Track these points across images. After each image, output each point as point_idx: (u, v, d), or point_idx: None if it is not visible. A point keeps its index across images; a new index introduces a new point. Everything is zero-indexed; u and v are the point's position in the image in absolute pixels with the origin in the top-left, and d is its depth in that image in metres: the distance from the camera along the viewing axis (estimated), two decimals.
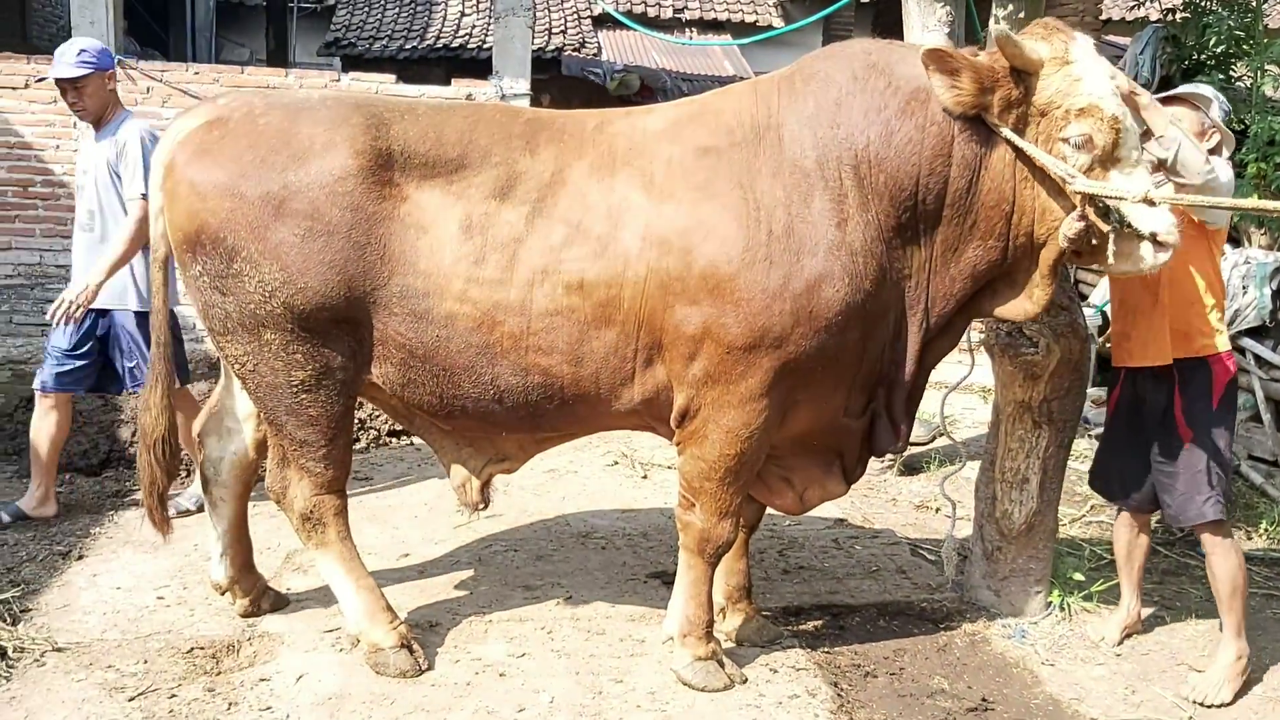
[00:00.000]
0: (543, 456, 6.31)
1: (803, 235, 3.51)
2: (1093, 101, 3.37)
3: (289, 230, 3.51)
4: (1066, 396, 4.27)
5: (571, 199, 3.61)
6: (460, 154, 3.63)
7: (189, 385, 5.65)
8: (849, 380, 3.74)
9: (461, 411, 3.77)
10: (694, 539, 3.86)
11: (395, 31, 16.46)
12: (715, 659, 3.87)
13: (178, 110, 8.08)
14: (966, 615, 4.47)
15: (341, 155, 3.54)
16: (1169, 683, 4.03)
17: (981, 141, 3.52)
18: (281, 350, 3.61)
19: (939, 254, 3.65)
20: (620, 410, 3.78)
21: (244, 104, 3.72)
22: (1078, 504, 6.03)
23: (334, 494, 3.89)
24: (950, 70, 3.40)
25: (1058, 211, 3.48)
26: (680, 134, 3.71)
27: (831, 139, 3.56)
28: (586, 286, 3.56)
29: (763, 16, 18.67)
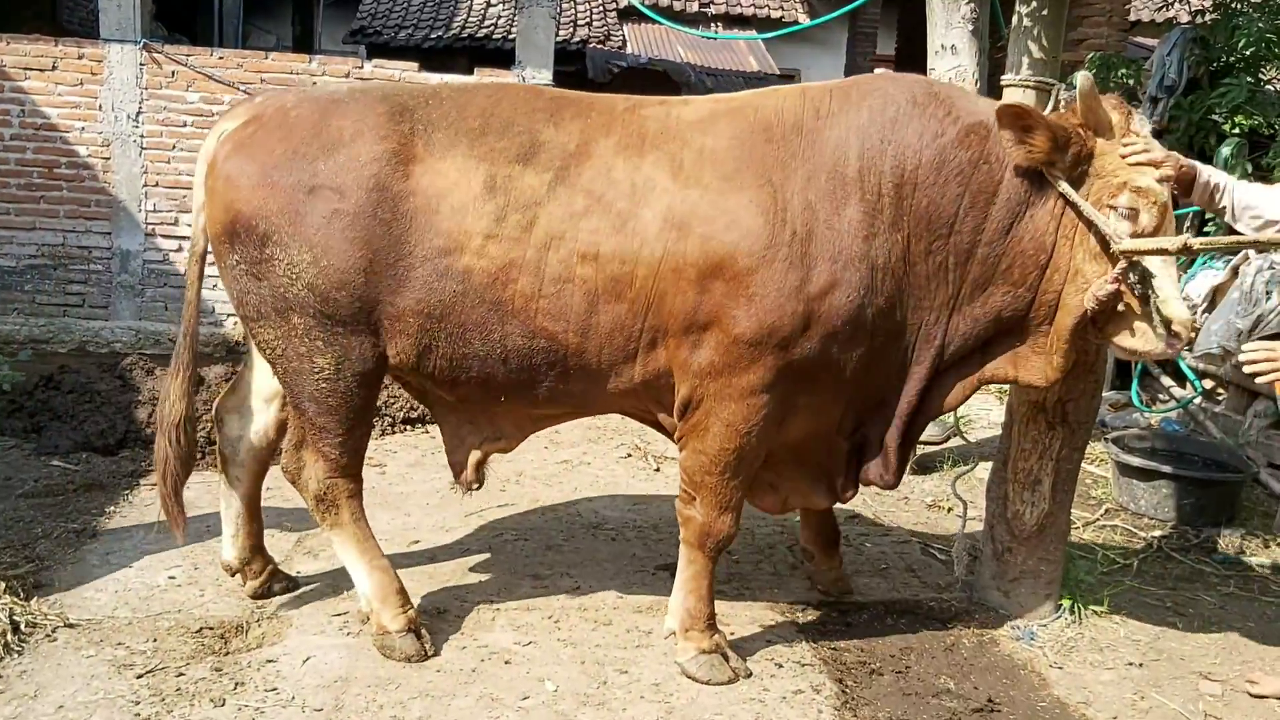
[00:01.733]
0: (557, 448, 6.44)
1: (827, 241, 3.54)
2: (1150, 184, 3.41)
3: (318, 213, 3.62)
4: (1081, 399, 4.24)
5: (595, 171, 3.66)
6: (482, 124, 3.72)
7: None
8: (848, 394, 3.78)
9: (468, 375, 3.80)
10: (695, 533, 3.88)
11: (421, 21, 16.47)
12: (719, 652, 3.89)
13: (202, 94, 8.19)
14: (975, 615, 4.44)
15: (368, 142, 3.65)
16: (1179, 690, 4.00)
17: (1031, 189, 3.55)
18: (305, 335, 3.71)
19: (966, 291, 3.67)
20: (619, 390, 3.81)
21: (277, 101, 3.86)
22: (1091, 507, 5.99)
23: (348, 478, 3.96)
24: (1024, 128, 3.43)
25: (1090, 275, 3.48)
26: (715, 125, 3.74)
27: (880, 153, 3.59)
28: (601, 258, 3.60)
29: (788, 12, 18.62)
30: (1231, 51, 7.78)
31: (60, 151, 8.25)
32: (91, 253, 8.37)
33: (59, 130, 8.21)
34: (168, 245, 8.35)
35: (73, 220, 8.34)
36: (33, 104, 8.15)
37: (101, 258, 8.36)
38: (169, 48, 8.30)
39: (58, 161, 8.26)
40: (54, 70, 8.14)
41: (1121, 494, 6.01)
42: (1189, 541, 5.50)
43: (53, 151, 8.25)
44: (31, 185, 8.27)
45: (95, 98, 8.18)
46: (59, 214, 8.33)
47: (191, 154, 8.25)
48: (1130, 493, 5.93)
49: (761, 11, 18.72)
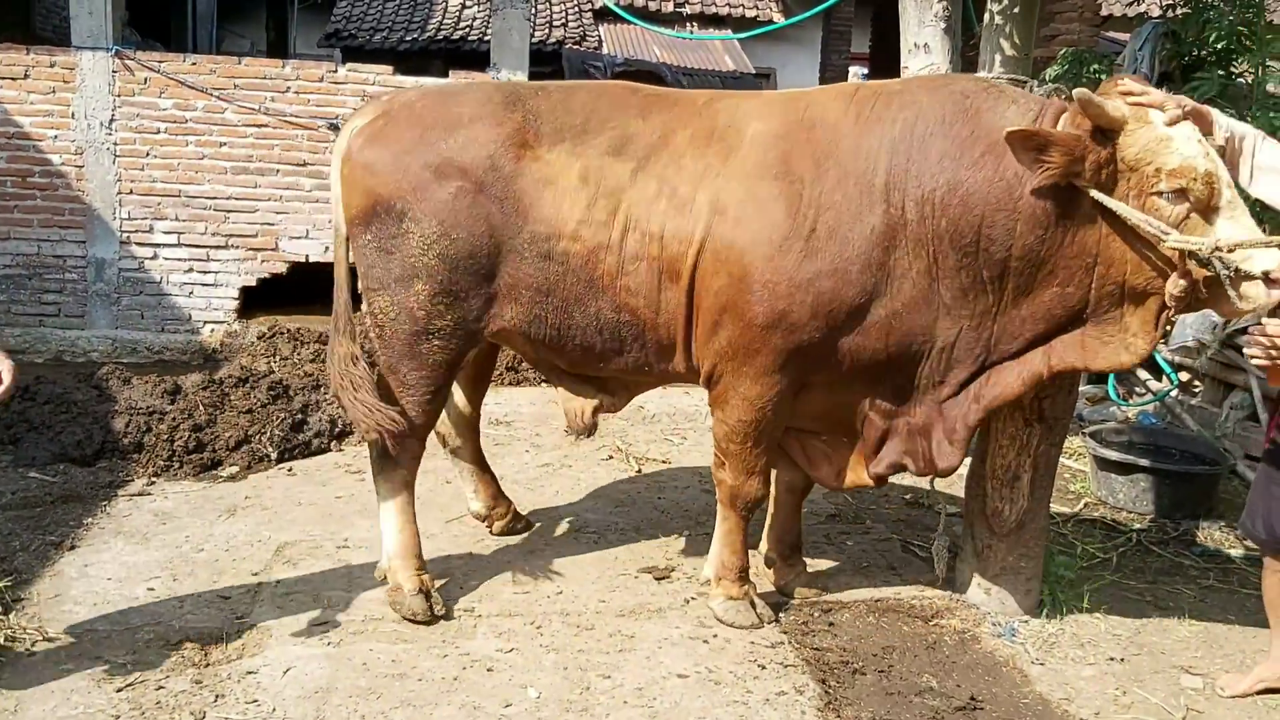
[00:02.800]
0: (538, 451, 6.46)
1: (844, 241, 3.73)
2: (1185, 162, 3.36)
3: (445, 190, 4.04)
4: (1058, 395, 4.26)
5: (669, 160, 3.99)
6: (584, 120, 4.09)
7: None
8: (869, 378, 3.95)
9: (572, 342, 4.18)
10: (725, 494, 4.27)
11: (396, 23, 16.41)
12: (747, 599, 4.31)
13: (175, 101, 8.13)
14: (956, 613, 4.45)
15: (486, 126, 4.07)
16: (1160, 684, 4.02)
17: (1061, 196, 3.53)
18: (431, 300, 4.10)
19: (1009, 299, 3.72)
20: (684, 368, 4.15)
21: (404, 97, 4.35)
22: (1070, 502, 6.02)
23: (415, 439, 4.34)
24: (1037, 148, 3.42)
25: (1154, 263, 3.47)
26: (768, 116, 3.99)
27: (904, 170, 3.71)
28: (665, 239, 3.93)
29: (763, 11, 18.61)
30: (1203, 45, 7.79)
31: (33, 160, 8.18)
32: (66, 261, 8.30)
33: (32, 139, 8.14)
34: (143, 253, 8.29)
35: (47, 229, 8.27)
36: (5, 113, 8.08)
37: (76, 266, 8.30)
38: (141, 54, 8.22)
39: (31, 170, 8.19)
40: (26, 79, 8.07)
41: (1100, 488, 6.05)
42: (1168, 535, 5.54)
43: (26, 160, 8.18)
44: (4, 194, 8.19)
45: (68, 105, 8.11)
46: (33, 223, 8.26)
47: (165, 160, 8.21)
48: (1109, 487, 5.96)
49: (736, 11, 18.69)
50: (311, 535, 5.03)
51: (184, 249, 8.36)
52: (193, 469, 5.83)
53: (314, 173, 8.34)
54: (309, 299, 8.84)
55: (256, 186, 8.32)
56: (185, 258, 8.38)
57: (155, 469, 5.80)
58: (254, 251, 8.42)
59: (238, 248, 8.39)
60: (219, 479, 5.78)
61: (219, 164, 8.27)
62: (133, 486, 5.61)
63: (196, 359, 8.22)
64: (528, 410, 7.37)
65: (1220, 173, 3.40)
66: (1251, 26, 7.41)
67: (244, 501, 5.45)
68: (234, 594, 4.41)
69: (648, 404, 7.57)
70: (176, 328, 8.42)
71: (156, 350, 8.29)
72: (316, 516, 5.27)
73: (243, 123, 8.24)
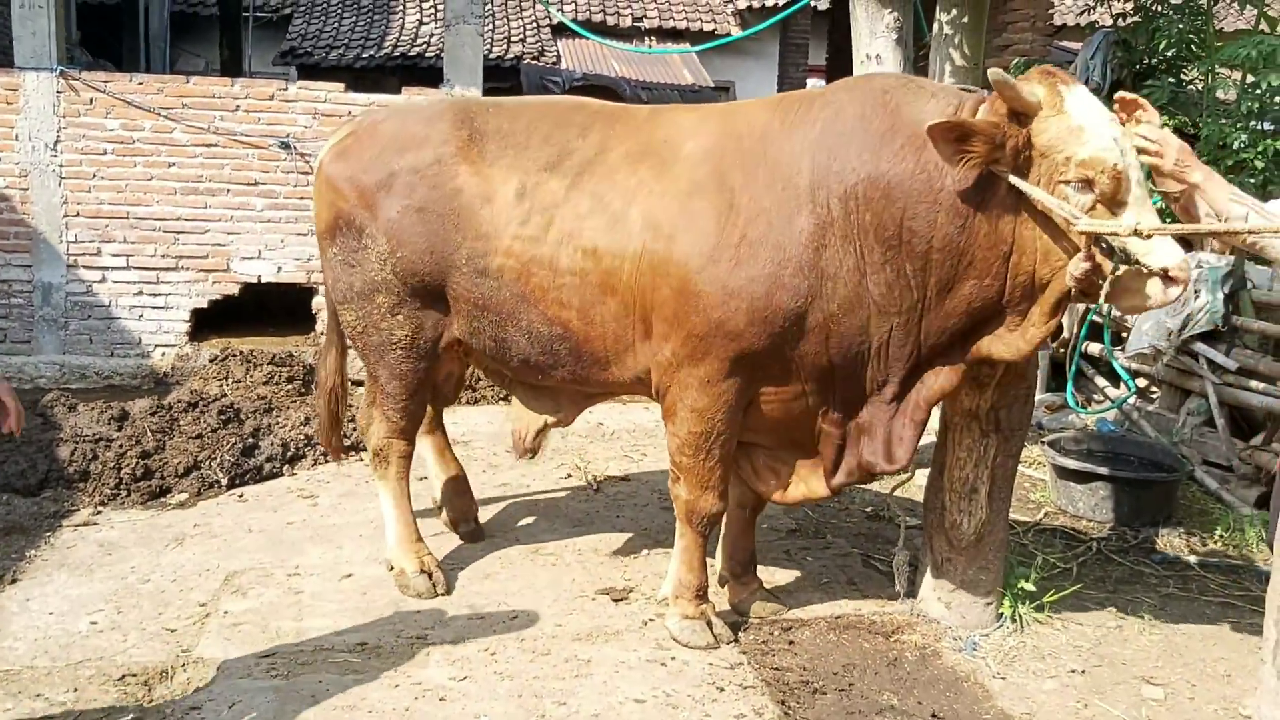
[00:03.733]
0: (495, 471, 6.36)
1: (775, 246, 3.73)
2: (1094, 154, 3.34)
3: (394, 207, 4.25)
4: (1014, 405, 4.23)
5: (603, 176, 4.05)
6: (526, 137, 4.22)
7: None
8: (818, 386, 3.92)
9: (511, 356, 4.33)
10: (681, 510, 4.22)
11: (352, 41, 16.32)
12: (703, 618, 4.25)
13: (122, 121, 7.99)
14: (917, 628, 4.41)
15: (432, 145, 4.25)
16: (1122, 696, 3.99)
17: (979, 185, 3.52)
18: (390, 313, 4.36)
19: (933, 293, 3.70)
20: (629, 377, 4.18)
21: (374, 116, 4.57)
22: (1030, 511, 6.00)
23: (402, 439, 4.66)
24: (959, 138, 3.39)
25: (1061, 252, 3.45)
26: (702, 131, 4.03)
27: (827, 169, 3.72)
28: (598, 254, 3.98)
29: (721, 25, 18.68)
30: (1153, 53, 7.88)
31: None
32: (12, 286, 8.11)
33: None
34: (91, 276, 8.12)
35: None
36: None
37: (22, 291, 8.11)
38: (86, 74, 8.07)
39: None
40: None
41: (1060, 497, 6.03)
42: (1128, 543, 5.52)
43: None
44: None
45: (12, 127, 7.94)
46: None
47: (112, 182, 8.06)
48: (1068, 495, 5.95)
49: (694, 25, 18.75)
50: (261, 563, 4.92)
51: (133, 271, 8.19)
52: (140, 497, 5.70)
53: (265, 192, 8.22)
54: (262, 320, 8.73)
55: (207, 207, 8.18)
56: (134, 280, 8.21)
57: (101, 498, 5.66)
58: (205, 273, 8.26)
59: (188, 269, 8.23)
60: (167, 507, 5.66)
61: (168, 185, 8.12)
62: (78, 516, 5.47)
63: (147, 383, 8.06)
64: (485, 429, 7.27)
65: (1130, 168, 3.37)
66: (1201, 34, 7.49)
67: (192, 529, 5.32)
68: (180, 626, 4.30)
69: (607, 421, 7.50)
70: (126, 352, 8.25)
71: (106, 375, 8.11)
72: (267, 543, 5.16)
73: (192, 142, 8.10)
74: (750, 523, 4.61)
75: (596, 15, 18.58)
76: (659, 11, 19.01)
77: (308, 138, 8.17)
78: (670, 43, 18.16)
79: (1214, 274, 6.97)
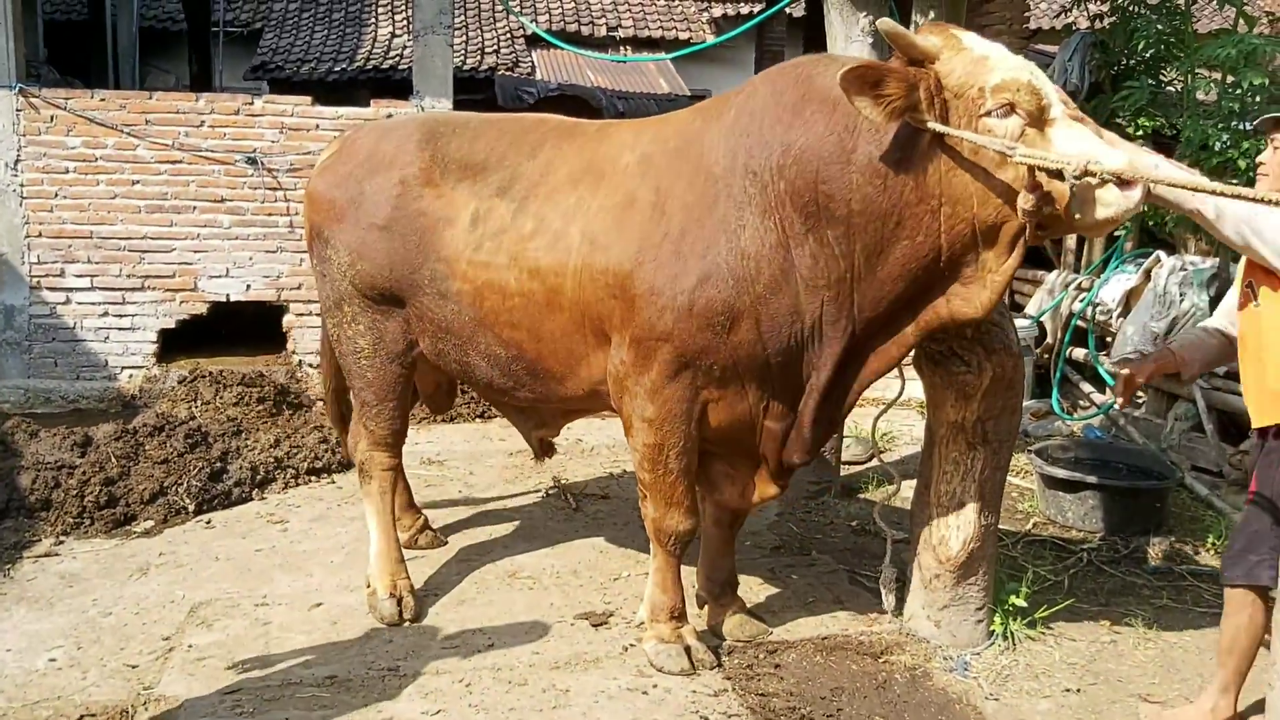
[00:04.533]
0: (471, 490, 6.18)
1: (696, 237, 3.69)
2: (1006, 77, 3.26)
3: (359, 224, 4.36)
4: (1001, 416, 4.10)
5: (545, 197, 4.07)
6: (485, 159, 4.25)
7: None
8: (757, 380, 3.83)
9: (475, 376, 4.41)
10: (651, 529, 4.13)
11: (324, 54, 16.13)
12: (680, 642, 4.12)
13: (84, 139, 7.81)
14: (906, 648, 4.27)
15: (398, 166, 4.33)
16: (1118, 715, 3.86)
17: (894, 142, 3.42)
18: (352, 321, 4.49)
19: (861, 261, 3.57)
20: (584, 391, 4.17)
21: (358, 133, 4.67)
22: (1019, 522, 5.88)
23: (384, 452, 4.68)
24: (874, 83, 3.27)
25: (1000, 189, 3.32)
26: (637, 143, 4.02)
27: (741, 147, 3.69)
28: (541, 273, 3.99)
29: (696, 33, 18.60)
30: (1131, 54, 7.82)
31: None
32: None
33: None
34: (54, 298, 7.92)
35: None
36: None
37: None
38: (46, 91, 7.88)
39: None
40: None
41: (1048, 507, 5.92)
42: (1119, 553, 5.40)
43: None
44: None
45: None
46: None
47: (75, 201, 7.87)
48: (1057, 505, 5.83)
49: (670, 33, 18.66)
50: (228, 593, 4.75)
51: (98, 292, 7.99)
52: (104, 525, 5.53)
53: (232, 209, 8.04)
54: (231, 340, 8.55)
55: (172, 225, 7.99)
56: (99, 301, 8.01)
57: (64, 527, 5.49)
58: (172, 292, 8.07)
59: (154, 289, 8.04)
60: (132, 535, 5.48)
61: (132, 203, 7.94)
62: (39, 547, 5.29)
63: (114, 406, 7.86)
64: (461, 448, 7.11)
65: (1045, 85, 3.30)
66: (1180, 34, 7.41)
67: (158, 559, 5.15)
68: (142, 662, 4.15)
69: (586, 437, 7.36)
70: (92, 375, 8.05)
71: (71, 399, 7.90)
72: (235, 572, 4.99)
73: (156, 159, 7.91)
74: (728, 541, 4.47)
75: (571, 25, 18.48)
76: (634, 21, 18.92)
77: (275, 152, 8.01)
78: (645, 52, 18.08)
79: (1199, 275, 6.90)
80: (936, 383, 4.15)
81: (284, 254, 8.14)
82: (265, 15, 18.24)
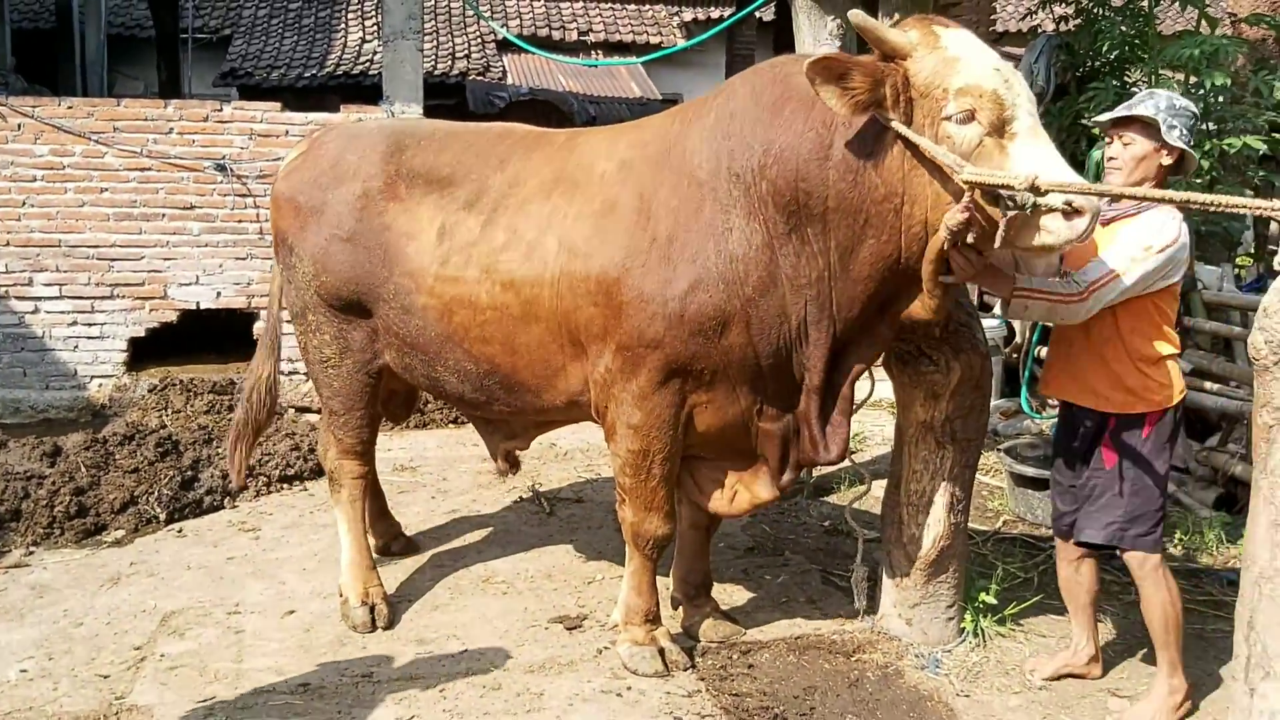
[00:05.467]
0: (444, 497, 6.20)
1: (684, 243, 3.68)
2: (971, 80, 3.24)
3: (321, 235, 4.34)
4: (969, 415, 4.14)
5: (516, 209, 4.04)
6: (451, 172, 4.21)
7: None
8: (748, 384, 3.82)
9: (445, 390, 4.41)
10: (628, 533, 4.12)
11: (294, 60, 16.13)
12: (654, 644, 4.13)
13: (52, 147, 7.76)
14: (878, 646, 4.29)
15: (362, 179, 4.30)
16: (1088, 710, 3.90)
17: (865, 138, 3.44)
18: (317, 330, 4.47)
19: (837, 260, 3.60)
20: (561, 402, 4.13)
21: (324, 137, 4.60)
22: (989, 520, 5.93)
23: (354, 460, 4.67)
24: (839, 75, 3.29)
25: (952, 196, 3.32)
26: (613, 150, 4.00)
27: (723, 150, 3.68)
28: (516, 285, 3.96)
29: (667, 37, 18.67)
30: (1096, 56, 7.88)
31: None
32: None
33: None
34: (22, 307, 7.86)
35: None
36: None
37: None
38: (13, 99, 7.83)
39: None
40: None
41: (1018, 505, 5.97)
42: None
43: None
44: None
45: None
46: None
47: (43, 209, 7.81)
48: (1026, 503, 5.89)
49: (641, 38, 18.72)
50: (200, 602, 4.73)
51: (67, 301, 7.94)
52: (74, 535, 5.49)
53: (202, 216, 8.01)
54: (203, 348, 8.50)
55: (141, 232, 7.95)
56: (69, 310, 7.96)
57: (34, 538, 5.45)
58: (141, 300, 8.03)
59: (124, 297, 7.99)
60: (103, 545, 5.45)
61: (101, 210, 7.89)
62: (9, 558, 5.25)
63: (84, 416, 7.81)
64: (434, 454, 7.11)
65: (1016, 96, 3.26)
66: (1143, 36, 7.48)
67: (129, 568, 5.12)
68: (114, 672, 4.12)
69: (560, 441, 7.35)
70: (62, 384, 7.99)
71: (41, 409, 7.84)
72: (207, 581, 4.97)
73: (124, 167, 7.87)
74: (704, 543, 4.50)
75: (542, 30, 18.51)
76: (605, 25, 18.97)
77: (244, 159, 7.99)
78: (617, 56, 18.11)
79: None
80: (905, 382, 4.19)
81: (254, 260, 8.11)
82: (234, 21, 18.20)
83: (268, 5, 18.50)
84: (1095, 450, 3.84)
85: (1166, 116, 3.64)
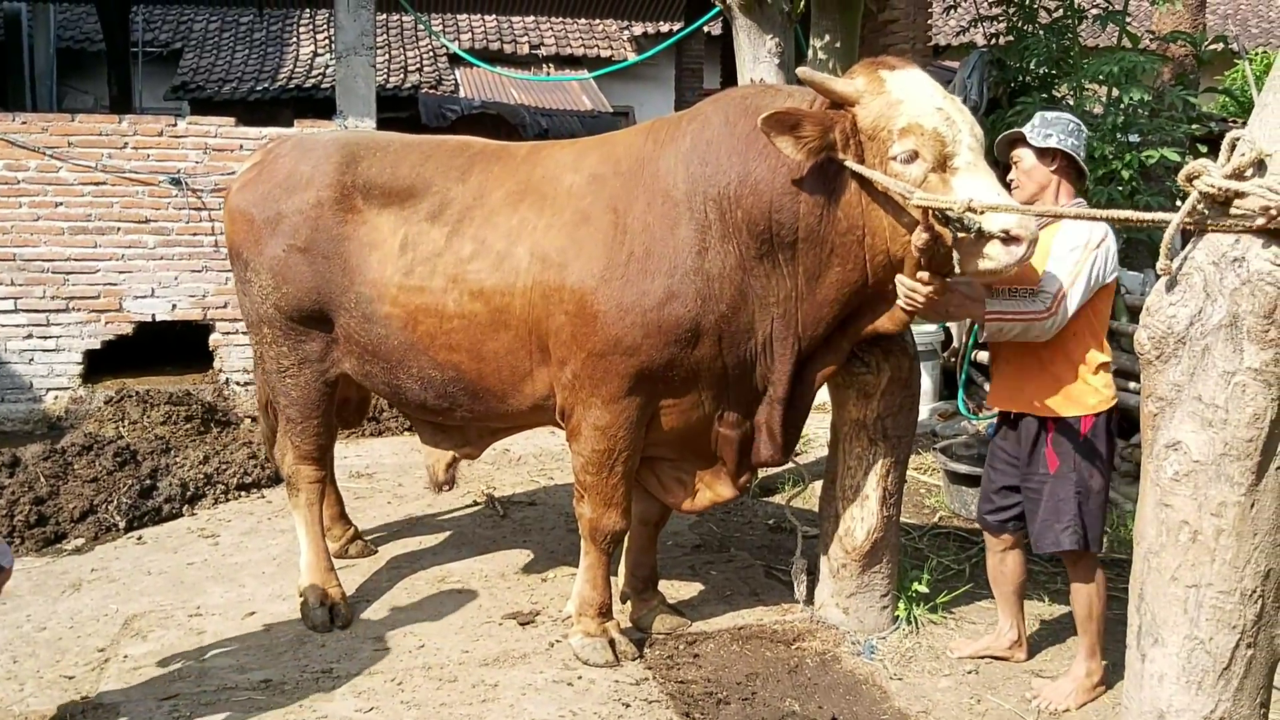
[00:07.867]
0: (400, 502, 6.34)
1: (661, 258, 3.87)
2: (912, 121, 3.50)
3: (277, 247, 4.40)
4: (899, 413, 4.38)
5: (483, 220, 4.17)
6: (410, 184, 4.31)
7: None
8: (714, 392, 4.07)
9: (405, 398, 4.50)
10: (586, 528, 4.29)
11: (246, 74, 16.14)
12: (605, 636, 4.30)
13: (5, 161, 7.82)
14: (817, 634, 4.50)
15: (315, 189, 4.36)
16: (1013, 690, 4.12)
17: (829, 176, 3.69)
18: (274, 342, 4.54)
19: (804, 283, 3.87)
20: (526, 406, 4.28)
21: (277, 149, 4.67)
22: (925, 516, 6.18)
23: (310, 465, 4.76)
24: (791, 126, 3.56)
25: (904, 228, 3.59)
26: (581, 163, 4.17)
27: (700, 175, 3.90)
28: (485, 294, 4.09)
29: (618, 51, 18.87)
30: (1025, 71, 8.19)
31: None
32: None
33: None
34: None
35: None
36: None
37: None
38: None
39: None
40: None
41: (953, 501, 6.22)
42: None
43: None
44: None
45: None
46: None
47: None
48: (960, 499, 6.14)
49: (591, 51, 18.90)
50: (162, 605, 4.85)
51: (22, 314, 8.00)
52: (35, 544, 5.58)
53: (157, 229, 8.11)
54: (159, 359, 8.58)
55: (97, 246, 8.04)
56: (24, 323, 8.02)
57: None
58: (97, 313, 8.11)
59: (79, 310, 8.08)
60: (63, 553, 5.54)
61: (56, 224, 7.97)
62: None
63: (40, 428, 7.88)
64: (390, 461, 7.25)
65: (957, 132, 3.51)
66: (1068, 52, 7.79)
67: (90, 575, 5.23)
68: (79, 672, 4.22)
69: (513, 446, 7.53)
70: (17, 397, 8.04)
71: None
72: (167, 585, 5.09)
73: (79, 181, 7.96)
74: (652, 539, 4.70)
75: (494, 44, 18.64)
76: (556, 39, 19.14)
77: (199, 173, 8.10)
78: (568, 70, 18.30)
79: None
80: (839, 383, 4.41)
81: (209, 273, 8.21)
82: (185, 35, 18.16)
83: (219, 19, 18.48)
84: (1036, 454, 4.04)
85: (1038, 126, 3.93)
